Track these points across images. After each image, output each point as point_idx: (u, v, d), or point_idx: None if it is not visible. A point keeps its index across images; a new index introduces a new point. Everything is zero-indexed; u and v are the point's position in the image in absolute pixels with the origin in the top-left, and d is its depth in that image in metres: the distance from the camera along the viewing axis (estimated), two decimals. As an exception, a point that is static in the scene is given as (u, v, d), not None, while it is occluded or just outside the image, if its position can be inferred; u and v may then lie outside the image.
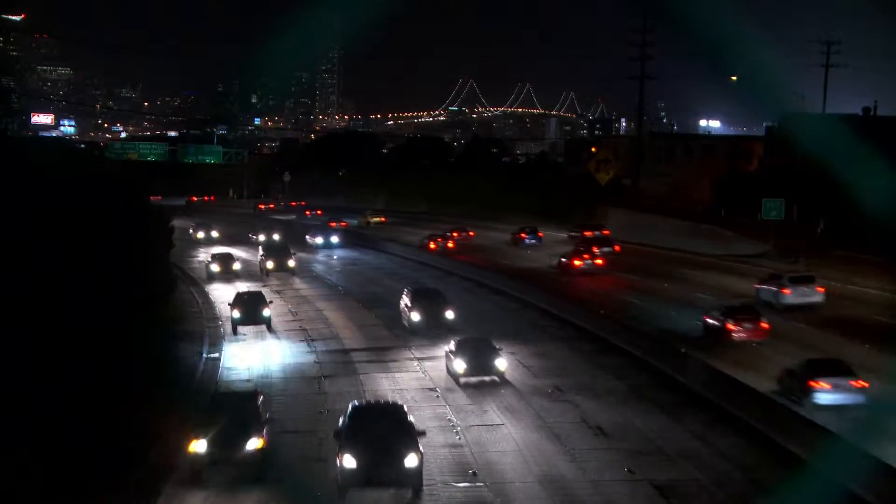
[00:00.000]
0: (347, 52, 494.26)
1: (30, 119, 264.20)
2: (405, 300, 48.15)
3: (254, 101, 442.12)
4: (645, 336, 40.49)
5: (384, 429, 24.40)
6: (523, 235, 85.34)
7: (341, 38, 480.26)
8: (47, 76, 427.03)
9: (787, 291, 48.66)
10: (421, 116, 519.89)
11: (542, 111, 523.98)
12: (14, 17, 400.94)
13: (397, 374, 38.78)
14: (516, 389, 35.82)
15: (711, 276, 61.34)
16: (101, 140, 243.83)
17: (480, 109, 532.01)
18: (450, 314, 46.09)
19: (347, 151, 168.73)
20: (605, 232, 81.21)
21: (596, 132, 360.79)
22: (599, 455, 28.20)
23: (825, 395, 30.82)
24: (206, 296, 60.74)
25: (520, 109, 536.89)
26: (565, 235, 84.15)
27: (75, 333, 29.62)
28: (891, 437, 24.73)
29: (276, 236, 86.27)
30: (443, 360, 38.96)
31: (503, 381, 36.36)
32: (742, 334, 40.83)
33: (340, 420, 26.10)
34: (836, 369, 31.85)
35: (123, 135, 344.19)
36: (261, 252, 71.04)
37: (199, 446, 25.40)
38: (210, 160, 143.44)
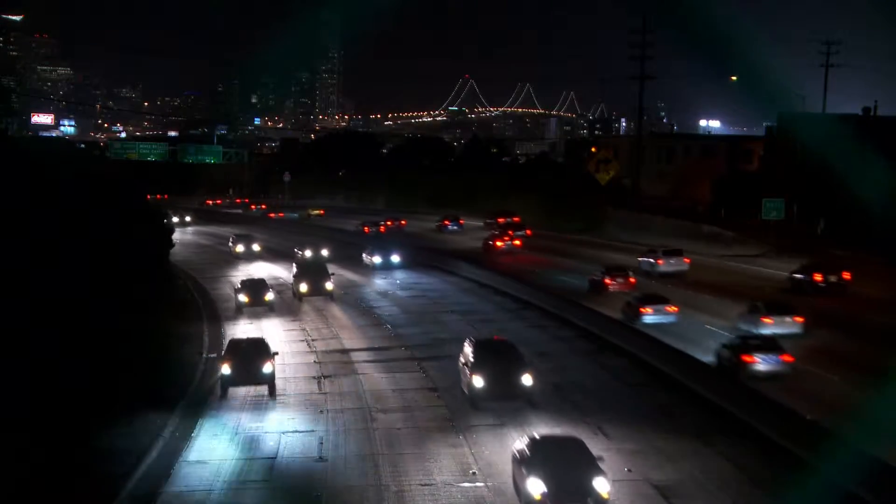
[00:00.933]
0: (347, 52, 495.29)
1: (30, 119, 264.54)
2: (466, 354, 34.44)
3: (254, 101, 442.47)
4: (546, 292, 53.84)
5: None
6: (446, 222, 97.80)
7: (341, 38, 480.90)
8: (47, 76, 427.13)
9: (661, 262, 59.61)
10: (421, 116, 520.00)
11: (542, 111, 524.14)
12: (14, 17, 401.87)
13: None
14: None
15: (604, 252, 72.75)
16: (101, 140, 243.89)
17: (480, 109, 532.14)
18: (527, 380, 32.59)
19: (347, 151, 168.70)
20: (516, 219, 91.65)
21: (596, 132, 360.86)
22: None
23: (649, 317, 44.79)
24: (206, 295, 60.73)
25: (520, 109, 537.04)
26: (481, 223, 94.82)
27: (75, 332, 29.63)
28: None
29: (323, 251, 73.43)
30: None
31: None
32: (616, 286, 53.40)
33: None
34: (657, 300, 46.33)
35: (123, 135, 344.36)
36: (294, 272, 59.89)
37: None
38: (210, 160, 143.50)
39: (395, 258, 70.06)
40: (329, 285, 56.18)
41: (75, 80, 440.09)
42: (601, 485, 22.80)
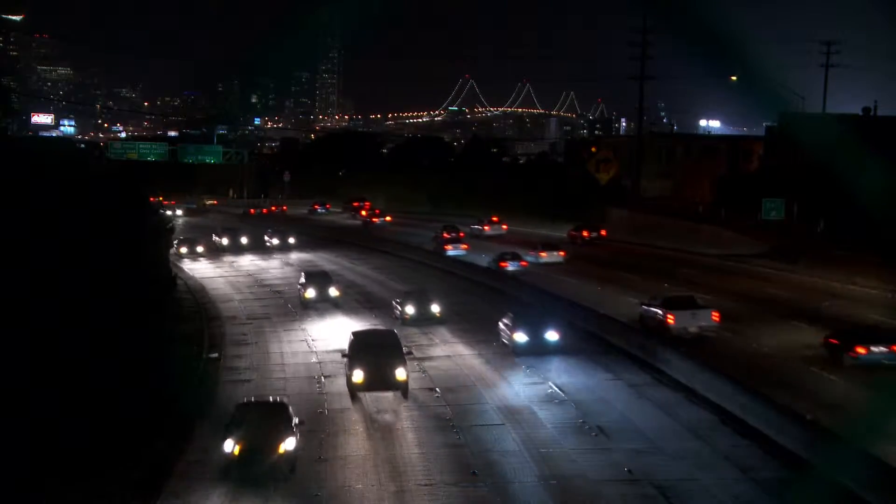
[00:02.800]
0: (347, 52, 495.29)
1: (30, 119, 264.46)
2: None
3: (254, 101, 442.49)
4: (474, 268, 66.52)
5: None
6: (316, 206, 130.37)
7: (341, 38, 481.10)
8: (47, 76, 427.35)
9: (543, 254, 71.04)
10: (421, 116, 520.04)
11: (542, 111, 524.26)
12: (14, 17, 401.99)
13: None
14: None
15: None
16: (101, 140, 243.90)
17: (480, 109, 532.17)
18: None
19: (347, 151, 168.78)
20: (367, 203, 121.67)
21: (596, 132, 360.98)
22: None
23: (507, 269, 64.31)
24: (206, 294, 60.83)
25: (520, 109, 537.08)
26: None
27: (75, 334, 29.61)
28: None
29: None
30: None
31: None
32: (509, 268, 65.07)
33: None
34: (513, 256, 66.24)
35: (123, 135, 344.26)
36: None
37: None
38: (210, 160, 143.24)
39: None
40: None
41: (75, 80, 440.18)
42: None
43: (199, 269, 74.98)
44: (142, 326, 36.93)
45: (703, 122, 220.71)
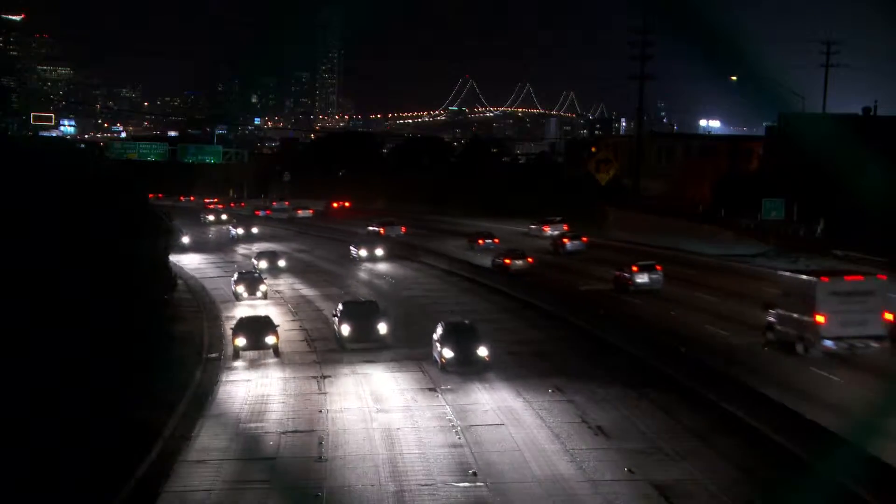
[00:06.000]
0: (347, 52, 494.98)
1: (30, 119, 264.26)
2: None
3: (254, 101, 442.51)
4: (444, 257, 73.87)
5: None
6: (274, 203, 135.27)
7: (341, 38, 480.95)
8: (47, 76, 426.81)
9: (481, 242, 78.13)
10: (421, 116, 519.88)
11: (542, 111, 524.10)
12: (14, 17, 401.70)
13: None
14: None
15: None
16: (101, 140, 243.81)
17: (480, 109, 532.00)
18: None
19: (347, 151, 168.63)
20: (285, 202, 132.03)
21: (596, 132, 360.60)
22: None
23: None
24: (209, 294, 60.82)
25: (520, 109, 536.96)
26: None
27: (75, 333, 29.61)
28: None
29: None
30: None
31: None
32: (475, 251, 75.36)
33: None
34: (486, 235, 79.73)
35: (123, 135, 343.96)
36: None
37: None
38: (210, 160, 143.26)
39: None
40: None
41: (75, 80, 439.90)
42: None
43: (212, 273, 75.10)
44: (142, 326, 36.93)
45: (703, 122, 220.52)
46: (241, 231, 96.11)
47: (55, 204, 33.07)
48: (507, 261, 65.49)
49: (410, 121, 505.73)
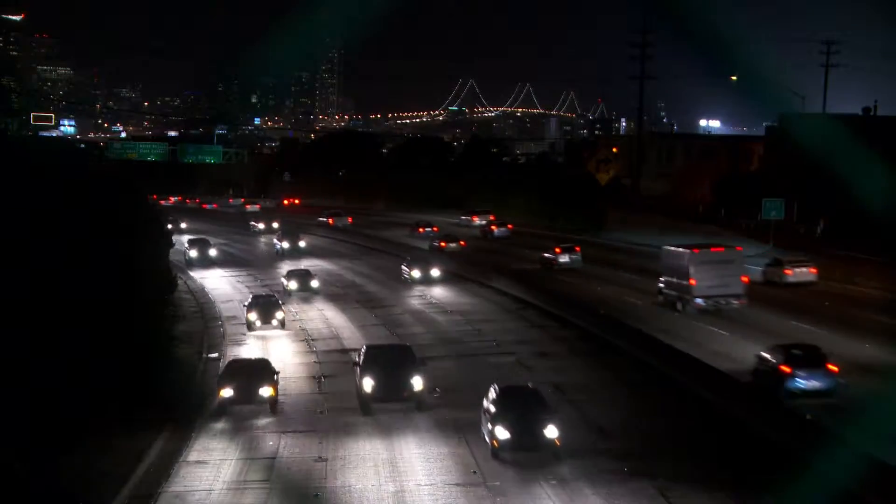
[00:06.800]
0: (347, 52, 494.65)
1: (30, 119, 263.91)
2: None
3: (254, 101, 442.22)
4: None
5: None
6: (230, 200, 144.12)
7: (341, 38, 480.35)
8: (47, 76, 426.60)
9: (421, 230, 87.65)
10: (421, 116, 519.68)
11: (542, 111, 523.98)
12: (14, 17, 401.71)
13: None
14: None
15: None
16: (101, 140, 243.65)
17: (480, 109, 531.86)
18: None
19: (347, 151, 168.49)
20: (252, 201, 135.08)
21: (596, 132, 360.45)
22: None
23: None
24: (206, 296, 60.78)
25: (520, 109, 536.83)
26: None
27: (75, 332, 29.60)
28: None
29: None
30: None
31: None
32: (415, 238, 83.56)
33: None
34: (426, 224, 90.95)
35: (123, 135, 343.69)
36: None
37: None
38: (210, 160, 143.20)
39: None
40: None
41: (75, 80, 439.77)
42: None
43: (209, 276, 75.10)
44: (142, 326, 36.93)
45: (703, 122, 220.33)
46: (286, 245, 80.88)
47: (55, 204, 33.08)
48: (443, 244, 76.91)
49: (410, 121, 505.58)
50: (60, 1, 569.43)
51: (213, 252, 76.62)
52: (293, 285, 59.07)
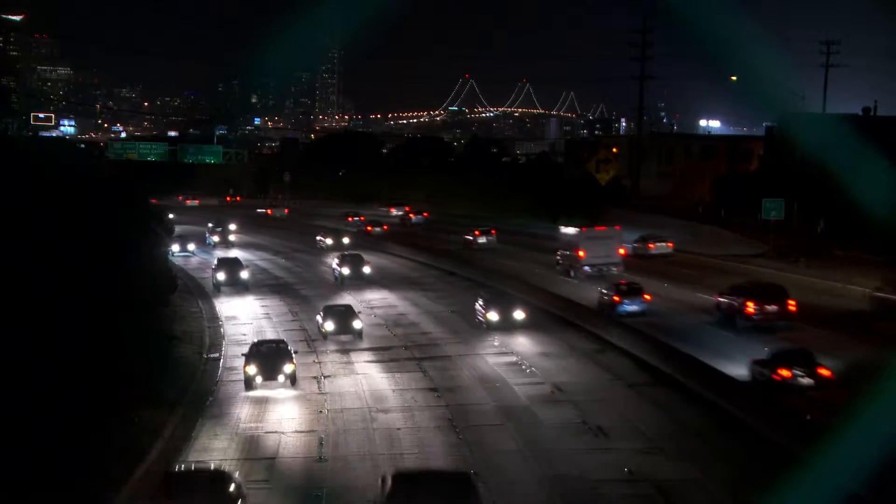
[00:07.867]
0: (347, 52, 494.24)
1: (30, 119, 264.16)
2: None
3: (254, 101, 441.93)
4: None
5: None
6: (227, 199, 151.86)
7: (341, 38, 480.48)
8: (47, 76, 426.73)
9: (350, 219, 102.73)
10: (421, 116, 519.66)
11: (542, 111, 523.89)
12: (14, 17, 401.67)
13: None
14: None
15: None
16: (101, 140, 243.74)
17: (480, 109, 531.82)
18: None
19: (347, 151, 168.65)
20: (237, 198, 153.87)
21: (596, 132, 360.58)
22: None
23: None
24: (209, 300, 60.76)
25: (520, 110, 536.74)
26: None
27: (74, 335, 29.62)
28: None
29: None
30: None
31: None
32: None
33: None
34: (354, 214, 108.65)
35: (123, 135, 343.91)
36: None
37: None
38: (210, 160, 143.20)
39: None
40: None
41: (75, 80, 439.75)
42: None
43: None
44: (142, 326, 36.96)
45: (703, 122, 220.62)
46: (347, 271, 64.40)
47: (55, 204, 33.10)
48: (369, 228, 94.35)
49: (410, 121, 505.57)
50: (60, 1, 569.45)
51: (244, 275, 63.02)
52: (329, 326, 45.63)
